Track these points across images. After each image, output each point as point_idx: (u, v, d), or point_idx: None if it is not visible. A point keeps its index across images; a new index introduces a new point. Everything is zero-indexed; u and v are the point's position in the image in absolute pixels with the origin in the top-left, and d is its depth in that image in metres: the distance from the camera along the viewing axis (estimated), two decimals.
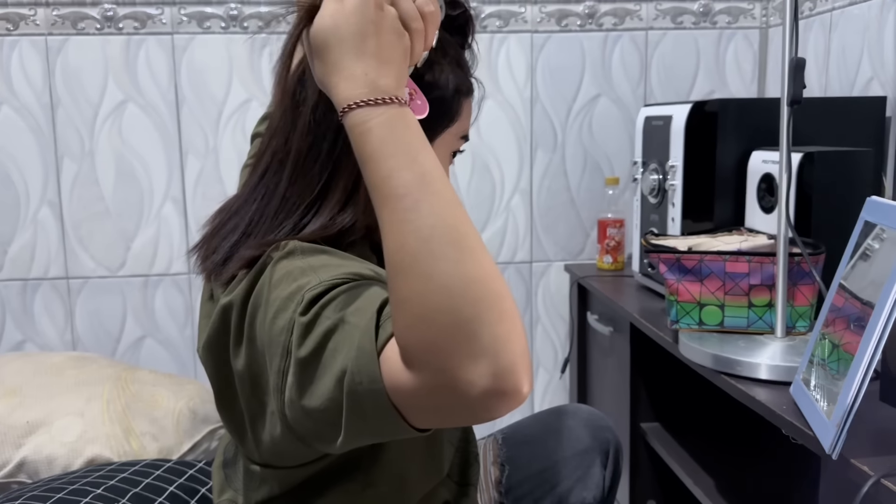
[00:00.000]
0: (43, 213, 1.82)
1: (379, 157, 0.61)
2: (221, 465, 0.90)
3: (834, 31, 1.61)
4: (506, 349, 0.56)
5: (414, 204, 0.59)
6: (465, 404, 0.57)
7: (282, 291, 0.67)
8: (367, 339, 0.59)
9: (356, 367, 0.59)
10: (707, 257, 1.14)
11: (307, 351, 0.62)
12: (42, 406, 1.43)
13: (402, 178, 0.60)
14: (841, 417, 0.76)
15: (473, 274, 0.57)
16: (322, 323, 0.62)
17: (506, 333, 0.56)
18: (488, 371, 0.55)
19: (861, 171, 1.25)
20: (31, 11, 1.75)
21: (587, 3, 1.88)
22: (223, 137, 1.83)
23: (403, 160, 0.61)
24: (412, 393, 0.57)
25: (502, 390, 0.56)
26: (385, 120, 0.62)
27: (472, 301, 0.56)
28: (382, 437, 0.64)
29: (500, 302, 0.57)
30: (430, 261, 0.57)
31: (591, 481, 1.06)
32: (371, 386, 0.58)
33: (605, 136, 1.93)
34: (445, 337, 0.56)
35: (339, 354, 0.61)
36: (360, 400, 0.59)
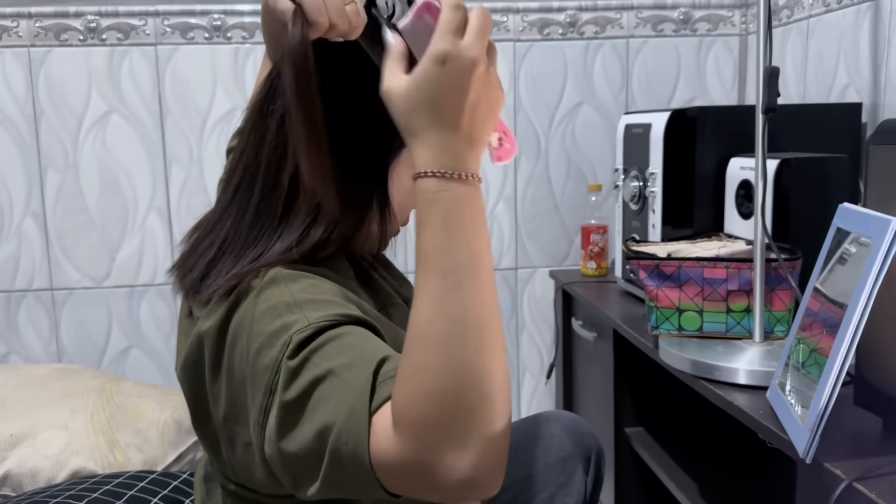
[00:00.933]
0: (27, 225, 1.82)
1: (438, 229, 0.61)
2: (203, 479, 0.90)
3: (811, 38, 1.64)
4: (493, 449, 0.58)
5: (457, 284, 0.60)
6: (438, 486, 0.58)
7: (265, 326, 0.67)
8: (360, 402, 0.60)
9: (345, 427, 0.60)
10: (685, 263, 1.15)
11: (292, 396, 0.63)
12: (26, 418, 1.42)
13: (454, 256, 0.61)
14: (814, 422, 0.77)
15: (490, 369, 0.59)
16: (310, 370, 0.63)
17: (498, 435, 0.59)
18: (471, 462, 0.57)
19: (837, 177, 1.26)
20: (14, 23, 1.75)
21: (568, 12, 1.89)
22: (207, 147, 1.84)
23: (460, 239, 0.61)
24: (393, 460, 0.58)
25: (476, 483, 0.58)
26: (455, 196, 0.61)
27: (481, 394, 0.58)
28: (357, 495, 0.64)
29: (503, 403, 0.59)
30: (456, 343, 0.59)
31: (574, 487, 1.07)
32: (356, 449, 0.59)
33: (588, 143, 1.94)
34: (445, 419, 0.57)
35: (323, 407, 0.61)
36: (341, 459, 0.60)
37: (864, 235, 0.80)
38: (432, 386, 0.58)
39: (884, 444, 0.83)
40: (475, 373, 0.58)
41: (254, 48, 1.81)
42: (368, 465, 0.59)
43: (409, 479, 0.60)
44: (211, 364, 0.73)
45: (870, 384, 0.85)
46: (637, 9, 1.91)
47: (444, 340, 0.59)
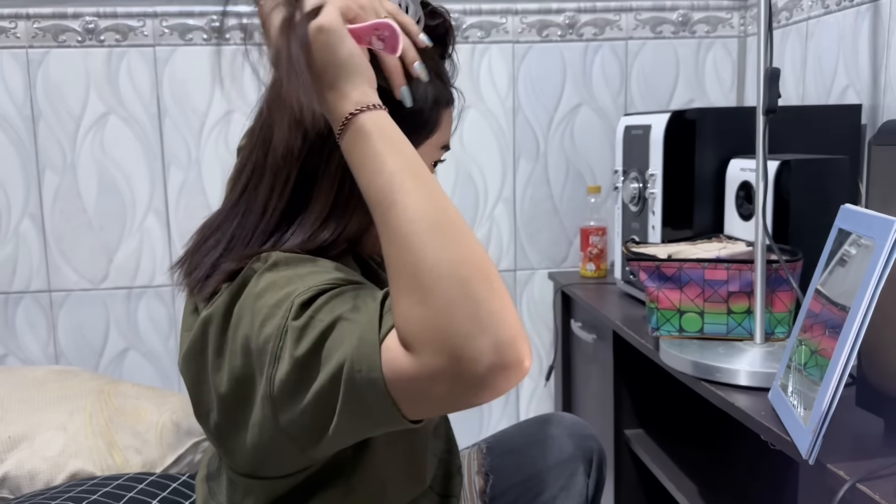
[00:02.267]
0: (25, 226, 1.82)
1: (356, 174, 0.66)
2: (205, 478, 0.90)
3: (810, 40, 1.64)
4: (503, 323, 0.58)
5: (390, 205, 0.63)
6: (470, 383, 0.58)
7: (268, 300, 0.67)
8: (369, 330, 0.61)
9: (357, 355, 0.61)
10: (686, 265, 1.15)
11: (303, 352, 0.63)
12: (24, 421, 1.42)
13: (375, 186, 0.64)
14: (817, 423, 0.77)
15: (459, 256, 0.60)
16: (316, 326, 0.64)
17: (500, 309, 0.59)
18: (490, 345, 0.57)
19: (837, 179, 1.26)
20: (12, 24, 1.75)
21: (567, 14, 1.89)
22: (205, 149, 1.83)
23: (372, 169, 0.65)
24: (414, 378, 0.59)
25: (505, 363, 0.58)
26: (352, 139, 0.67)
27: (461, 281, 0.59)
28: (374, 427, 0.65)
29: (489, 280, 0.60)
30: (414, 251, 0.60)
31: (575, 490, 1.07)
32: (369, 374, 0.60)
33: (587, 144, 1.94)
34: (444, 317, 0.58)
35: (336, 351, 0.62)
36: (357, 388, 0.61)
37: (866, 236, 0.80)
38: (424, 290, 0.59)
39: (886, 445, 0.83)
40: (458, 260, 0.60)
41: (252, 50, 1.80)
42: (384, 389, 0.60)
43: (436, 393, 0.59)
44: (215, 350, 0.72)
45: (872, 385, 0.85)
46: (636, 10, 1.91)
47: (408, 250, 0.61)
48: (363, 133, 0.66)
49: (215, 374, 0.73)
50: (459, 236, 0.62)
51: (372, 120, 0.67)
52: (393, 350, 0.60)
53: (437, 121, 0.81)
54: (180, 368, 0.78)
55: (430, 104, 0.79)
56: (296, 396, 0.65)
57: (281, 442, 0.70)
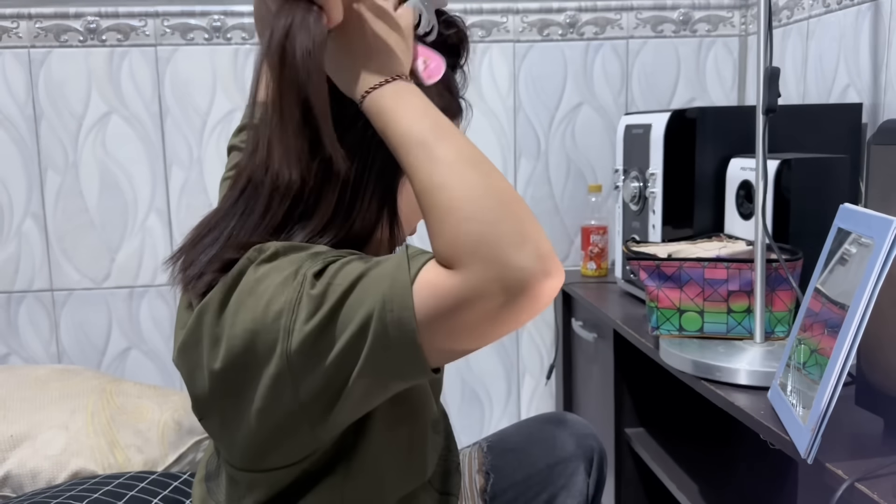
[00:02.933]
0: (27, 226, 1.82)
1: (393, 122, 0.69)
2: (203, 479, 0.90)
3: (811, 39, 1.64)
4: (543, 238, 0.63)
5: (437, 141, 0.67)
6: (516, 291, 0.61)
7: (272, 281, 0.68)
8: (400, 272, 0.64)
9: (388, 297, 0.63)
10: (686, 264, 1.15)
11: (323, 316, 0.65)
12: (26, 419, 1.42)
13: (417, 128, 0.68)
14: (816, 422, 0.77)
15: (500, 184, 0.66)
16: (335, 290, 0.65)
17: (538, 228, 0.64)
18: (534, 254, 0.61)
19: (838, 178, 1.26)
20: (14, 24, 1.75)
21: (568, 13, 1.89)
22: (207, 148, 1.84)
23: (415, 116, 0.69)
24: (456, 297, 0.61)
25: (547, 270, 0.62)
26: (391, 93, 0.71)
27: (506, 201, 0.64)
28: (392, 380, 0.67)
29: (525, 206, 0.65)
30: (462, 175, 0.65)
31: (575, 489, 1.07)
32: (401, 313, 0.62)
33: (588, 144, 1.95)
34: (491, 231, 0.62)
35: (361, 306, 0.64)
36: (386, 329, 0.63)
37: (866, 236, 0.80)
38: (467, 210, 0.63)
39: (885, 444, 0.84)
40: (500, 187, 0.65)
41: (254, 49, 1.81)
42: (413, 327, 0.62)
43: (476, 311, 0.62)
44: (210, 340, 0.72)
45: (871, 385, 0.85)
46: (637, 10, 1.91)
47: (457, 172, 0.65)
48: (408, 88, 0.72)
49: (213, 362, 0.72)
50: (497, 172, 0.67)
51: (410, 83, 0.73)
52: (431, 280, 0.62)
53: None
54: (175, 363, 0.78)
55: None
56: (317, 361, 0.65)
57: (293, 420, 0.70)
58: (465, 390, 2.00)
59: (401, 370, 0.66)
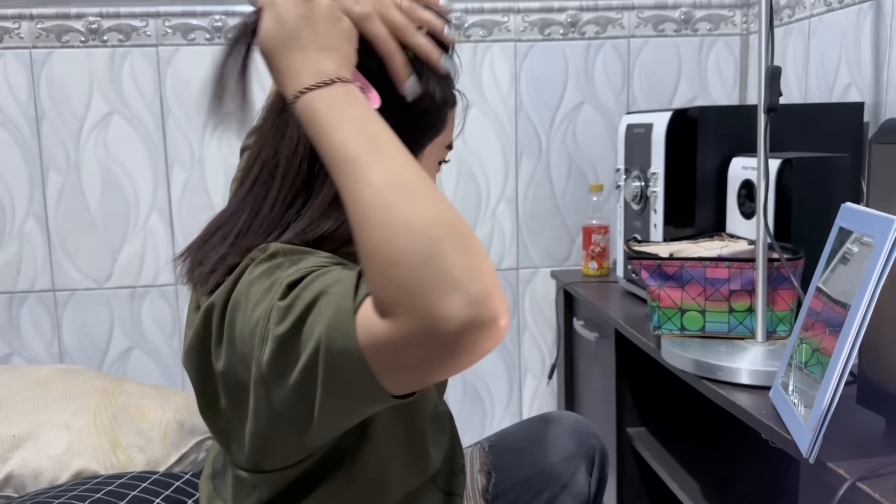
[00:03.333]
0: (29, 226, 1.82)
1: (327, 132, 0.64)
2: (210, 476, 0.90)
3: (812, 38, 1.64)
4: (476, 279, 0.57)
5: (367, 164, 0.61)
6: (445, 343, 0.57)
7: (261, 286, 0.68)
8: (345, 299, 0.60)
9: (332, 324, 0.60)
10: (688, 263, 1.15)
11: (285, 329, 0.63)
12: (28, 419, 1.42)
13: (351, 144, 0.63)
14: (817, 421, 0.77)
15: (432, 216, 0.59)
16: (299, 304, 0.63)
17: (475, 265, 0.57)
18: (462, 302, 0.56)
19: (839, 177, 1.26)
20: (16, 25, 1.76)
21: (569, 12, 1.89)
22: (209, 148, 1.84)
23: (351, 129, 0.63)
24: (389, 342, 0.58)
25: (479, 320, 0.56)
26: (330, 99, 0.66)
27: (434, 239, 0.58)
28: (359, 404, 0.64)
29: (463, 238, 0.59)
30: (387, 209, 0.59)
31: (577, 488, 1.07)
32: (345, 343, 0.59)
33: (589, 143, 1.95)
34: (415, 277, 0.56)
35: (317, 325, 0.62)
36: (334, 359, 0.60)
37: (867, 235, 0.80)
38: (387, 255, 0.58)
39: (887, 443, 0.84)
40: (419, 224, 0.58)
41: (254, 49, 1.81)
42: (360, 358, 0.59)
43: (413, 360, 0.59)
44: (216, 337, 0.73)
45: (873, 384, 0.85)
46: (638, 9, 1.91)
47: (376, 213, 0.59)
48: (350, 93, 0.67)
49: (217, 362, 0.73)
50: (432, 197, 0.61)
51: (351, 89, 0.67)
52: (368, 318, 0.59)
53: (445, 120, 0.82)
54: (184, 363, 0.79)
55: (438, 104, 0.80)
56: (283, 375, 0.64)
57: (277, 428, 0.70)
58: (467, 389, 2.01)
59: (360, 396, 0.63)
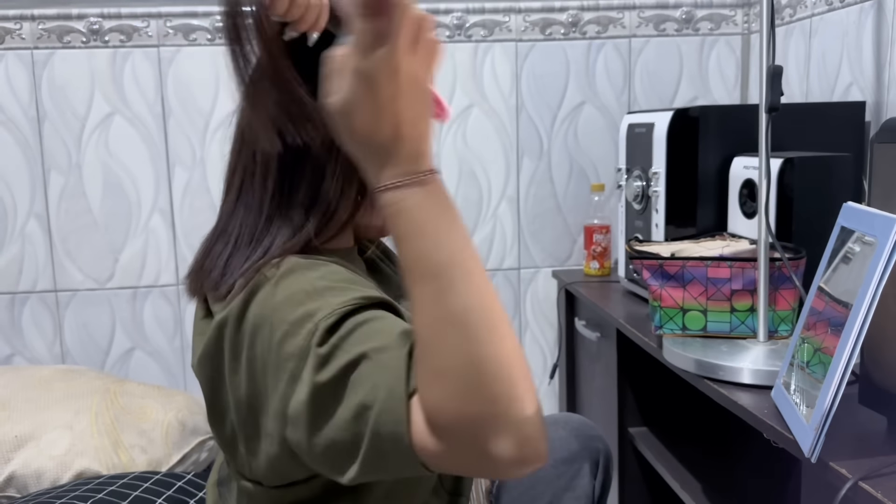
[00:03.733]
0: (30, 227, 1.82)
1: (411, 237, 0.61)
2: (216, 483, 0.90)
3: (814, 38, 1.63)
4: (529, 422, 0.58)
5: (448, 285, 0.60)
6: (491, 472, 0.60)
7: (287, 315, 0.67)
8: (397, 383, 0.60)
9: (384, 407, 0.60)
10: (689, 263, 1.15)
11: (325, 379, 0.63)
12: (30, 420, 1.43)
13: (435, 258, 0.60)
14: (819, 421, 0.77)
15: (505, 353, 0.59)
16: (341, 357, 0.63)
17: (531, 412, 0.59)
18: (514, 443, 0.58)
19: (841, 176, 1.26)
20: (17, 25, 1.76)
21: (570, 12, 1.89)
22: (210, 148, 1.84)
23: (434, 240, 0.60)
24: (438, 456, 0.60)
25: (527, 459, 0.59)
26: (416, 200, 0.60)
27: (504, 380, 0.58)
28: (399, 475, 0.65)
29: (526, 380, 0.60)
30: (464, 340, 0.59)
31: (579, 490, 1.07)
32: (396, 429, 0.60)
33: (591, 143, 1.94)
34: (478, 413, 0.58)
35: (360, 388, 0.62)
36: (381, 439, 0.61)
37: (869, 234, 0.80)
38: (455, 386, 0.58)
39: (889, 442, 0.83)
40: (493, 361, 0.58)
41: None
42: (409, 445, 0.60)
43: (454, 467, 0.61)
44: (231, 353, 0.72)
45: (875, 383, 0.85)
46: (639, 8, 1.91)
47: (453, 340, 0.59)
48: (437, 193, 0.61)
49: (233, 377, 0.73)
50: (505, 331, 0.60)
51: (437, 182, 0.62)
52: (419, 421, 0.60)
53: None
54: (195, 372, 0.79)
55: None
56: (313, 427, 0.64)
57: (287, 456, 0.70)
58: None
59: (399, 471, 0.64)
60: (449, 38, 1.87)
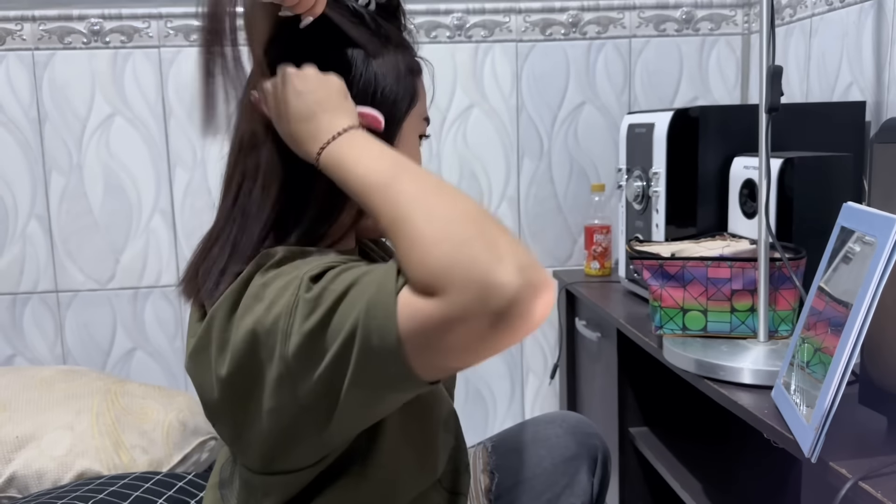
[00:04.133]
0: (31, 227, 1.83)
1: (352, 167, 0.69)
2: (217, 485, 0.89)
3: (814, 37, 1.63)
4: (520, 250, 0.60)
5: (397, 181, 0.66)
6: (502, 310, 0.57)
7: (275, 286, 0.68)
8: (387, 279, 0.62)
9: (374, 301, 0.61)
10: (689, 263, 1.15)
11: (317, 320, 0.64)
12: (31, 420, 1.43)
13: (377, 169, 0.68)
14: (819, 421, 0.77)
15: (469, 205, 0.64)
16: (329, 295, 0.64)
17: (516, 242, 0.61)
18: (514, 268, 0.58)
19: (841, 176, 1.26)
20: (18, 26, 1.76)
21: (571, 12, 1.89)
22: (211, 149, 1.84)
23: (373, 158, 0.69)
24: (438, 321, 0.58)
25: (533, 283, 0.58)
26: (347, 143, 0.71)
27: (476, 220, 0.61)
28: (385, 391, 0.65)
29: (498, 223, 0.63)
30: (427, 207, 0.63)
31: (579, 488, 1.07)
32: (385, 322, 0.60)
33: (591, 143, 1.95)
34: (465, 250, 0.59)
35: (352, 311, 0.62)
36: (370, 336, 0.61)
37: (869, 234, 0.80)
38: (435, 233, 0.61)
39: (889, 442, 0.83)
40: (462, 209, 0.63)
41: None
42: (396, 340, 0.59)
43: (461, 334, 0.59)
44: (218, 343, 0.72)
45: (875, 383, 0.85)
46: (639, 8, 1.91)
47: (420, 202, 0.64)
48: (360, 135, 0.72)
49: (220, 368, 0.72)
50: (462, 196, 0.65)
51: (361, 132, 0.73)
52: (411, 302, 0.59)
53: (416, 89, 0.83)
54: (188, 370, 0.79)
55: (404, 73, 0.82)
56: (312, 365, 0.65)
57: (298, 425, 0.70)
58: (469, 389, 2.01)
59: (390, 382, 0.64)
60: (449, 38, 1.87)
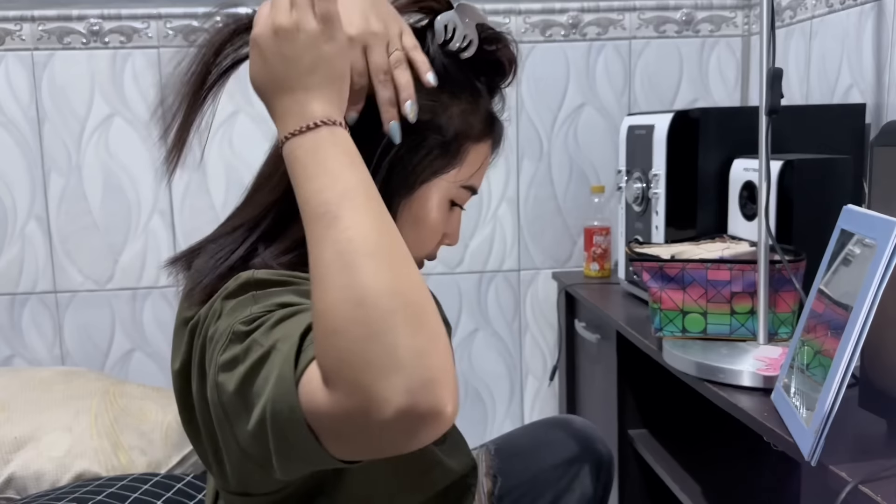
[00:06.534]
0: (30, 228, 1.82)
1: (304, 181, 0.61)
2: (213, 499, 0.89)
3: (814, 39, 1.63)
4: (422, 363, 0.52)
5: (332, 220, 0.57)
6: (381, 426, 0.52)
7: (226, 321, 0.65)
8: (287, 366, 0.56)
9: (276, 395, 0.56)
10: (689, 265, 1.15)
11: (234, 385, 0.60)
12: (30, 421, 1.42)
13: (321, 198, 0.59)
14: (819, 424, 0.77)
15: (390, 285, 0.54)
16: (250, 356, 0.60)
17: (424, 346, 0.53)
18: (402, 387, 0.51)
19: (841, 179, 1.26)
20: (17, 27, 1.76)
21: (571, 14, 1.89)
22: (211, 150, 1.84)
23: (324, 181, 0.60)
24: (328, 415, 0.54)
25: (418, 409, 0.51)
26: (311, 145, 0.62)
27: (386, 312, 0.53)
28: (313, 464, 0.60)
29: (419, 314, 0.54)
30: (344, 272, 0.55)
31: (581, 491, 1.07)
32: (291, 415, 0.55)
33: (591, 144, 1.94)
34: (358, 349, 0.52)
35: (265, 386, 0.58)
36: (282, 428, 0.56)
37: (869, 237, 0.80)
38: (335, 322, 0.53)
39: (889, 446, 0.83)
40: (373, 293, 0.53)
41: None
42: (307, 430, 0.55)
43: (350, 431, 0.54)
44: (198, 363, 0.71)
45: (875, 386, 0.84)
46: (639, 10, 1.91)
47: (333, 274, 0.55)
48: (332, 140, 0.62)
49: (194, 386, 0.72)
50: (398, 264, 0.57)
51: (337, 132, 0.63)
52: (312, 385, 0.54)
53: (460, 154, 0.77)
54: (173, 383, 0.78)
55: (451, 136, 0.76)
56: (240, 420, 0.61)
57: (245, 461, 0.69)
58: (469, 391, 2.00)
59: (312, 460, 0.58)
60: None
